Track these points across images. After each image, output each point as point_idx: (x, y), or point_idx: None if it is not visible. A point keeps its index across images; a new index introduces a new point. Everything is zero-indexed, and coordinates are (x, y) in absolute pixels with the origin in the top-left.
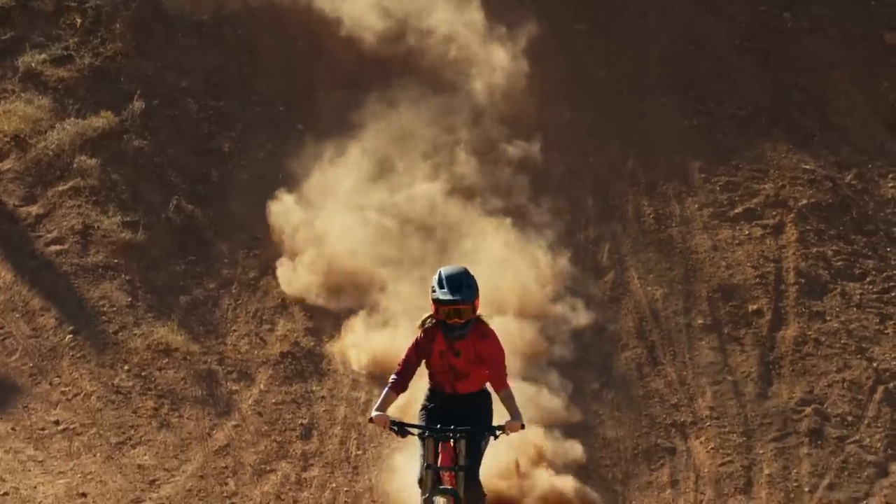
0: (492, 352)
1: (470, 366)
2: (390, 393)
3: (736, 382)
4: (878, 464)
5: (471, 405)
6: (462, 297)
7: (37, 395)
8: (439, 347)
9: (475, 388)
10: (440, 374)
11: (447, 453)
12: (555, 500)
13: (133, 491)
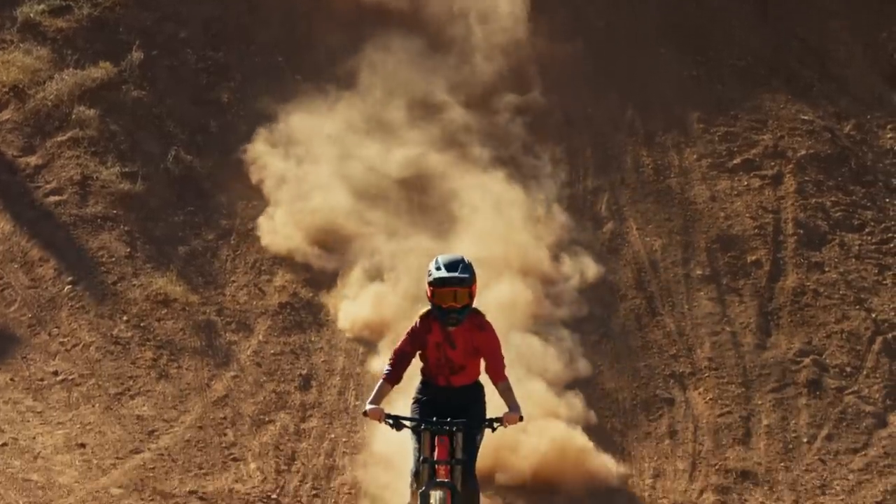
0: (489, 343)
1: (466, 358)
2: (385, 385)
3: (734, 333)
4: (877, 414)
5: (465, 398)
6: (463, 275)
7: (35, 346)
8: (435, 339)
9: (469, 380)
10: (435, 366)
11: (443, 446)
12: (570, 452)
13: (132, 441)
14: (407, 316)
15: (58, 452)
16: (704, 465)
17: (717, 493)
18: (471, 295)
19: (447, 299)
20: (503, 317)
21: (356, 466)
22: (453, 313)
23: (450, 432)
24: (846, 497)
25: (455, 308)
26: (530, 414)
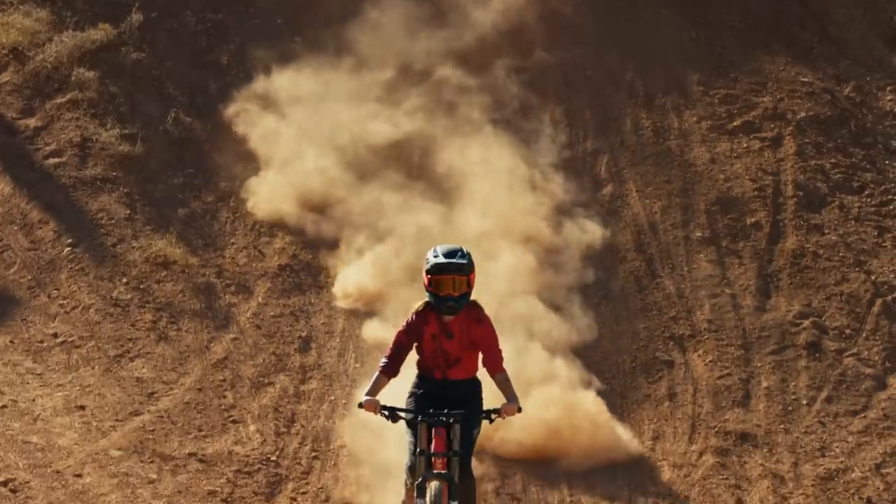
0: (487, 336)
1: (463, 350)
2: (381, 377)
3: (734, 295)
4: (877, 377)
5: (462, 393)
6: (460, 261)
7: (35, 308)
8: (432, 330)
9: (467, 375)
10: (431, 359)
11: (440, 438)
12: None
13: (131, 404)
14: (405, 281)
15: (57, 414)
16: (704, 428)
17: (716, 455)
18: (469, 284)
19: (445, 287)
20: (504, 282)
21: (345, 430)
22: (450, 301)
23: (447, 424)
24: (845, 459)
25: (453, 296)
26: (532, 378)
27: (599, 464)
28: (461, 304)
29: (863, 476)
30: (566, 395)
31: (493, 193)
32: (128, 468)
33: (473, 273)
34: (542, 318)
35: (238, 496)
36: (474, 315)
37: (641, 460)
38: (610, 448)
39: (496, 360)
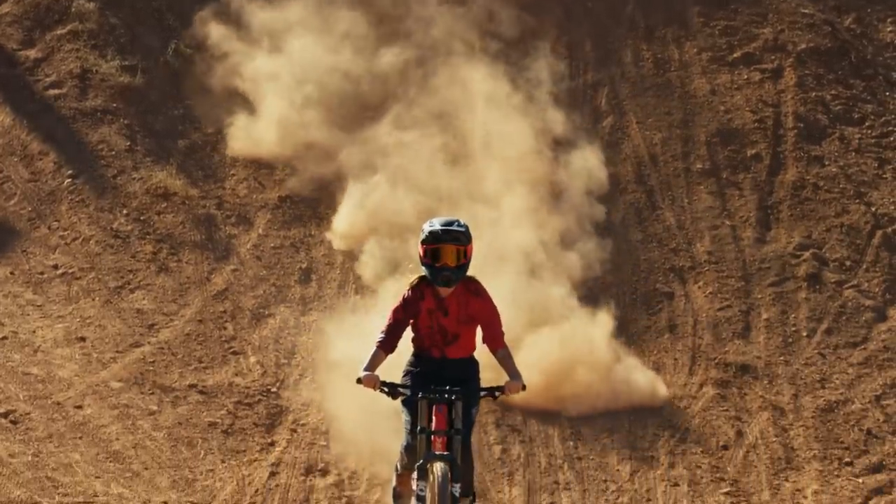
0: (486, 310)
1: (460, 326)
2: (379, 352)
3: (734, 227)
4: (877, 308)
5: (460, 373)
6: (458, 229)
7: (35, 240)
8: (428, 305)
9: (465, 353)
10: (428, 336)
11: (442, 416)
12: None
13: (132, 335)
14: (405, 209)
15: (57, 346)
16: (704, 359)
17: (716, 387)
18: (466, 254)
19: (442, 257)
20: (505, 215)
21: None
22: (447, 271)
23: (449, 401)
24: (845, 391)
25: (449, 266)
26: (534, 312)
27: (601, 397)
28: (458, 276)
29: (863, 408)
30: (568, 328)
31: (493, 127)
32: (128, 400)
33: (471, 245)
34: (542, 251)
35: (238, 427)
36: (472, 289)
37: (643, 392)
38: (612, 381)
39: (496, 335)
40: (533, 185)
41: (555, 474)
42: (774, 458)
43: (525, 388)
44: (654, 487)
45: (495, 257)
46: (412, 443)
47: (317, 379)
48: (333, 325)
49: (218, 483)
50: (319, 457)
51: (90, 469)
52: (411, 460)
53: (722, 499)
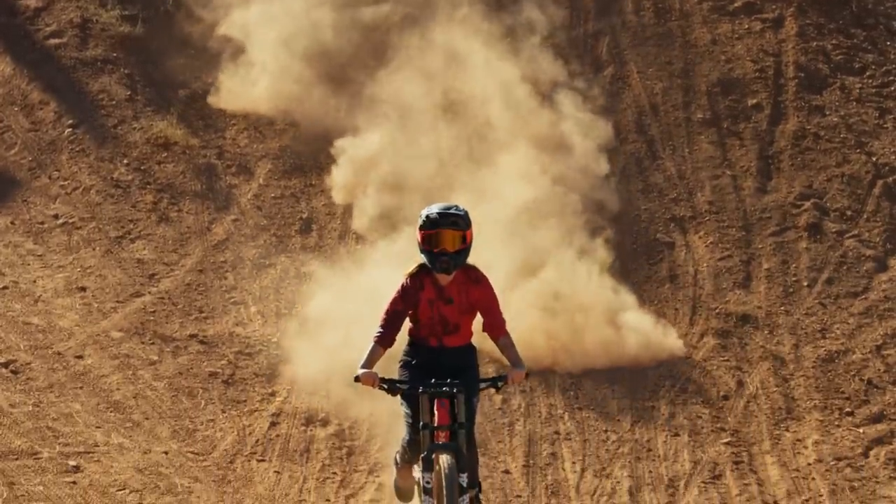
0: (486, 298)
1: (462, 315)
2: (377, 348)
3: (735, 177)
4: (877, 258)
5: (458, 361)
6: (454, 214)
7: (36, 189)
8: (428, 295)
9: (462, 342)
10: (427, 326)
11: (444, 410)
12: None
13: (132, 285)
14: (402, 162)
15: (58, 296)
16: (705, 309)
17: (717, 337)
18: (465, 240)
19: (440, 242)
20: (507, 170)
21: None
22: (445, 256)
23: (450, 394)
24: (846, 341)
25: (448, 252)
26: (537, 270)
27: (601, 347)
28: (457, 261)
29: (863, 357)
30: (568, 278)
31: (492, 77)
32: (129, 349)
33: (470, 230)
34: (542, 201)
35: (239, 377)
36: (472, 276)
37: (643, 342)
38: (612, 331)
39: (498, 323)
40: (533, 136)
41: (555, 424)
42: (775, 408)
43: (528, 375)
44: (655, 437)
45: (495, 208)
46: (414, 437)
47: (315, 328)
48: (332, 275)
49: (218, 433)
50: (320, 407)
51: (91, 419)
52: (413, 455)
53: (722, 449)
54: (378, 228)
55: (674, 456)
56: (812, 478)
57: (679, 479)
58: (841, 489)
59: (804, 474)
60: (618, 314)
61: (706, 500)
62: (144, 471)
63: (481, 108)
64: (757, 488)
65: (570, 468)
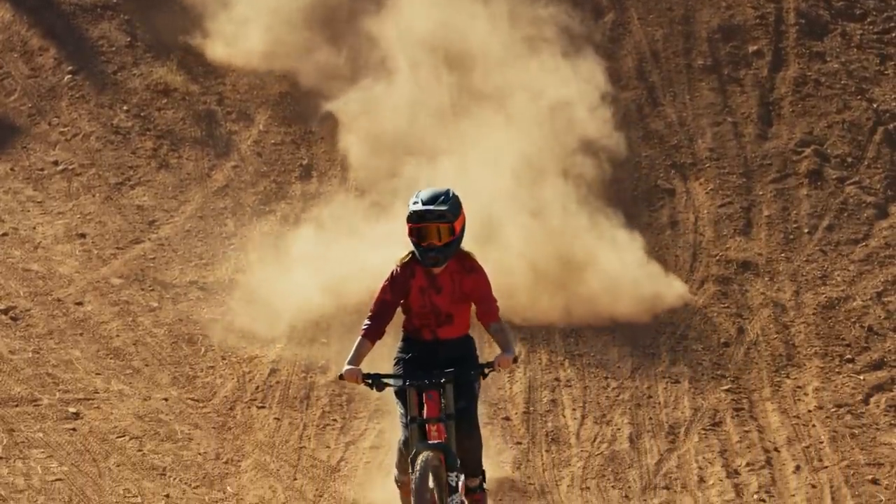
0: (479, 286)
1: (454, 305)
2: (364, 342)
3: (736, 123)
4: (878, 205)
5: (453, 351)
6: (439, 208)
7: (35, 136)
8: (419, 283)
9: (458, 333)
10: (419, 317)
11: (433, 403)
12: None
13: (132, 231)
14: (402, 110)
15: (58, 242)
16: (705, 256)
17: (717, 284)
18: (453, 231)
19: (426, 236)
20: (507, 119)
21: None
22: (433, 252)
23: (438, 386)
24: (847, 287)
25: (435, 246)
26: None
27: (601, 294)
28: (445, 255)
29: (864, 304)
30: (569, 226)
31: (491, 25)
32: (128, 296)
33: (460, 218)
34: (542, 150)
35: (239, 324)
36: (466, 265)
37: (644, 289)
38: (612, 278)
39: (491, 310)
40: (533, 83)
41: (555, 371)
42: (775, 355)
43: (517, 360)
44: (655, 384)
45: (496, 158)
46: (407, 436)
47: (314, 274)
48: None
49: (218, 380)
50: (320, 354)
51: (90, 366)
52: (408, 449)
53: (723, 396)
54: (376, 176)
55: (674, 403)
56: (812, 425)
57: (679, 426)
58: (841, 436)
59: (804, 421)
60: (618, 261)
61: (706, 447)
62: (144, 417)
63: (481, 57)
64: (757, 435)
65: (571, 415)
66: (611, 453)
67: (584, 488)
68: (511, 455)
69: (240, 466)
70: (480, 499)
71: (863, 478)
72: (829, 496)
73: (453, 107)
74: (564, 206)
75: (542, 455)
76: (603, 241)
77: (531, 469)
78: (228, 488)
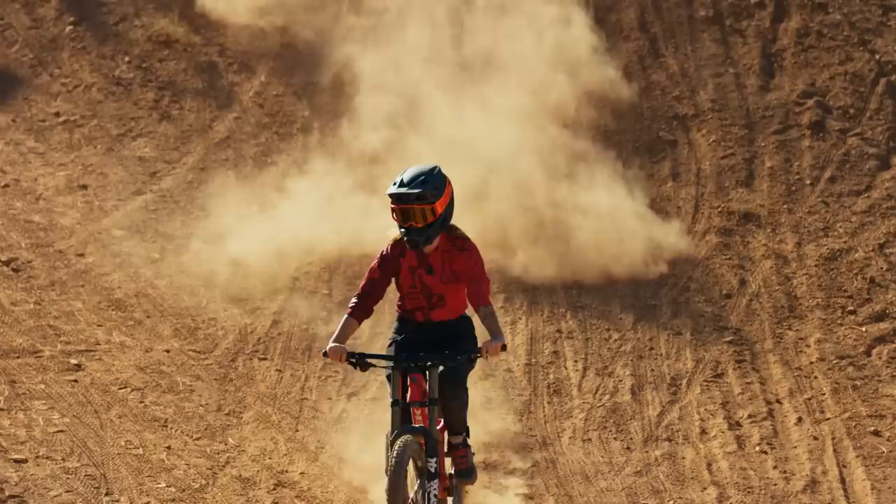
0: (471, 266)
1: (445, 286)
2: (350, 321)
3: (738, 75)
4: (880, 156)
5: (448, 332)
6: (414, 190)
7: (37, 87)
8: (409, 262)
9: (452, 315)
10: (411, 297)
11: (417, 386)
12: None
13: (134, 183)
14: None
15: (59, 194)
16: (707, 207)
17: (719, 235)
18: (434, 212)
19: (406, 218)
20: (509, 70)
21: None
22: (412, 234)
23: (421, 369)
24: (849, 239)
25: (416, 227)
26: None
27: (603, 245)
28: (425, 236)
29: (866, 256)
30: (571, 177)
31: None
32: (130, 248)
33: (442, 199)
34: (544, 101)
35: (241, 276)
36: (458, 244)
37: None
38: (615, 229)
39: (481, 292)
40: (535, 36)
41: (557, 323)
42: (777, 306)
43: (506, 347)
44: (657, 336)
45: (497, 110)
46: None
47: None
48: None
49: (220, 331)
50: (322, 305)
51: (92, 317)
52: (390, 432)
53: (725, 347)
54: (377, 128)
55: (676, 354)
56: (814, 376)
57: (681, 377)
58: (843, 388)
59: (806, 373)
60: (620, 213)
61: (708, 399)
62: (146, 369)
63: (484, 7)
64: (759, 387)
65: (573, 367)
66: (612, 405)
67: (585, 440)
68: (513, 407)
69: (241, 418)
70: (464, 454)
71: (865, 429)
72: (831, 448)
73: (456, 57)
74: (566, 157)
75: (543, 407)
76: (604, 193)
77: (533, 421)
78: (230, 440)
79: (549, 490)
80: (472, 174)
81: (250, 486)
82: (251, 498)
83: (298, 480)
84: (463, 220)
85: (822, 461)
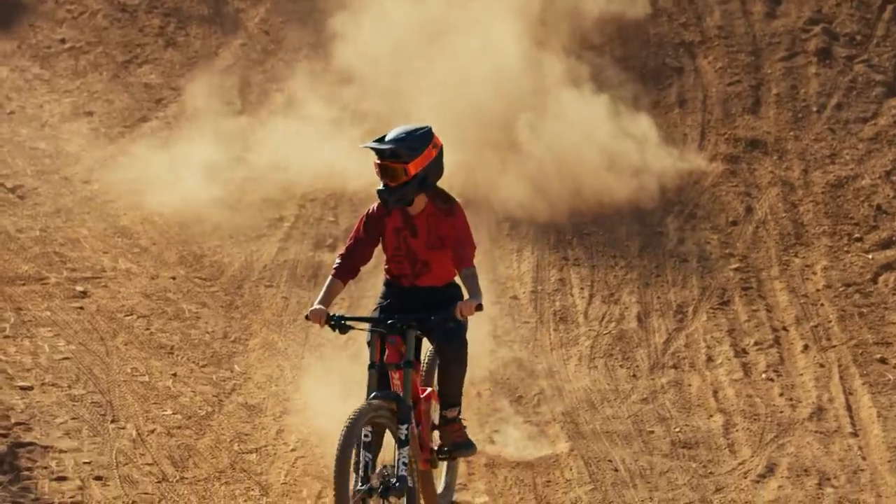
0: (456, 230)
1: (430, 251)
2: (334, 282)
3: (744, 1)
4: (887, 83)
5: (434, 297)
6: (387, 146)
7: (42, 14)
8: (394, 223)
9: (438, 281)
10: (396, 261)
11: (393, 347)
12: None
13: (139, 110)
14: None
15: (65, 121)
16: (714, 134)
17: (726, 163)
18: (406, 172)
19: (380, 174)
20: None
21: None
22: (384, 192)
23: (400, 331)
24: (855, 166)
25: (388, 185)
26: (542, 98)
27: (610, 172)
28: (396, 196)
29: (872, 183)
30: (574, 104)
31: None
32: (135, 174)
33: (418, 160)
34: (545, 27)
35: (247, 203)
36: (444, 208)
37: (652, 167)
38: (620, 156)
39: (465, 255)
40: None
41: (563, 250)
42: (784, 233)
43: (482, 307)
44: (664, 263)
45: (499, 38)
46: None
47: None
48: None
49: (226, 258)
50: (328, 232)
51: (98, 244)
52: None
53: (731, 275)
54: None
55: (682, 282)
56: (821, 304)
57: (687, 304)
58: (850, 315)
59: (813, 300)
60: (626, 139)
61: (715, 326)
62: (152, 296)
63: None
64: (765, 314)
65: (579, 294)
66: (619, 332)
67: (591, 367)
68: (519, 334)
69: (247, 345)
70: (458, 429)
71: (871, 357)
72: (838, 375)
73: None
74: (570, 84)
75: (549, 334)
76: (610, 119)
77: (539, 348)
78: (236, 367)
79: (554, 418)
80: (473, 105)
81: (256, 414)
82: (257, 425)
83: (303, 408)
84: (463, 146)
85: (828, 388)
